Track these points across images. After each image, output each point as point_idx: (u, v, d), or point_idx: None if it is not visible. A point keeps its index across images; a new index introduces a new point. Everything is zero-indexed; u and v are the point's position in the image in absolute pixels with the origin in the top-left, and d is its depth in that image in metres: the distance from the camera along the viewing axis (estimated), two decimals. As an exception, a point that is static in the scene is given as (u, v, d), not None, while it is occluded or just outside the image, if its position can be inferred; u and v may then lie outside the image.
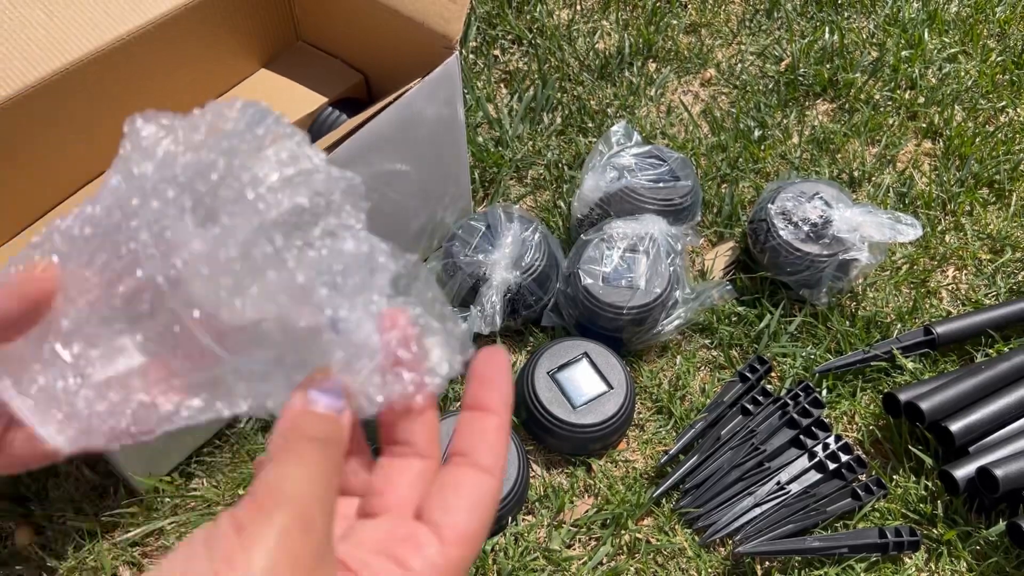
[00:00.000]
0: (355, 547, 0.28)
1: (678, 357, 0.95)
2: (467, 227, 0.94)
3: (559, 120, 1.18)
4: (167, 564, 0.24)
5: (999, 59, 1.27)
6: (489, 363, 0.30)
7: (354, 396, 0.30)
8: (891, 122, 1.19)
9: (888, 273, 1.03)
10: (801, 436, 0.87)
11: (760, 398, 0.90)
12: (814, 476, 0.85)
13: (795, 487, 0.85)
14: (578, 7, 1.34)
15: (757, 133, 1.16)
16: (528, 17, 1.31)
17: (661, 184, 0.98)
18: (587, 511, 0.85)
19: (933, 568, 0.82)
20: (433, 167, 0.92)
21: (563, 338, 0.91)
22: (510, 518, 0.83)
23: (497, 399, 0.30)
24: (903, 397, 0.87)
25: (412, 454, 0.31)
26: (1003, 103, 1.22)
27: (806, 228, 0.95)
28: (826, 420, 0.89)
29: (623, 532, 0.83)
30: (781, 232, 0.96)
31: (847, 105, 1.21)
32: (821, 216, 0.95)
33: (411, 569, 0.26)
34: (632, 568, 0.82)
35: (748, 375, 0.92)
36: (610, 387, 0.87)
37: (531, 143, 1.14)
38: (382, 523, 0.29)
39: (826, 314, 0.98)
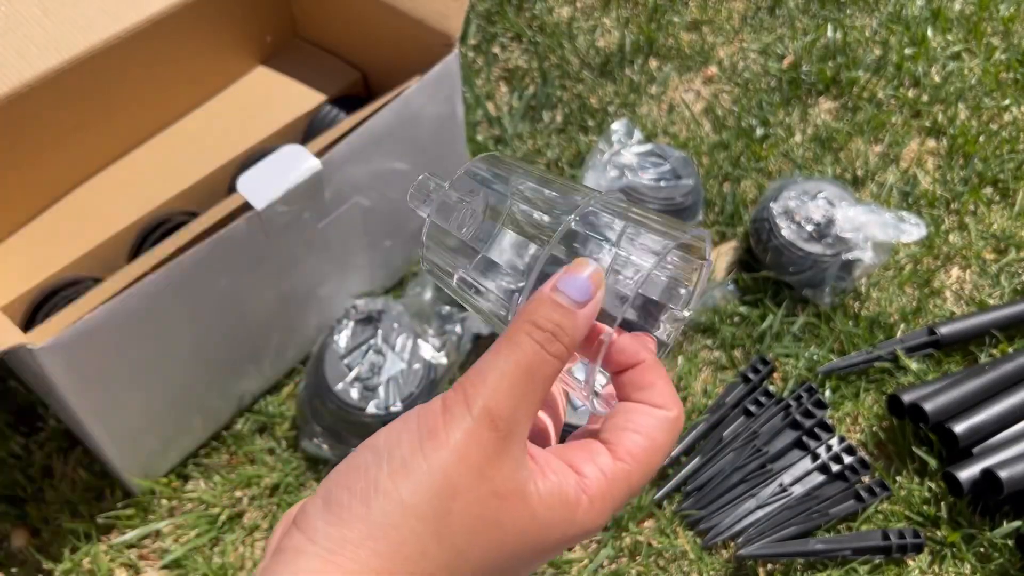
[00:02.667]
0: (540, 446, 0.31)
1: (680, 357, 0.95)
2: (467, 226, 0.94)
3: (559, 118, 1.17)
4: (386, 428, 0.28)
5: (1003, 57, 1.27)
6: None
7: (608, 294, 0.31)
8: (894, 120, 1.18)
9: (892, 273, 1.02)
10: (804, 438, 0.86)
11: (763, 399, 0.90)
12: (817, 478, 0.85)
13: (798, 489, 0.84)
14: (578, 4, 1.33)
15: (759, 131, 1.15)
16: (528, 14, 1.30)
17: (663, 183, 0.97)
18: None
19: (937, 571, 0.81)
20: (432, 166, 0.91)
21: (564, 338, 0.90)
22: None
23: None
24: (907, 398, 0.86)
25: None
26: (1007, 101, 1.21)
27: (809, 227, 0.95)
28: (829, 421, 0.88)
29: (624, 534, 0.83)
30: (784, 231, 0.95)
31: (850, 103, 1.20)
32: (824, 215, 0.95)
33: (584, 474, 0.30)
34: (633, 571, 0.81)
35: (751, 376, 0.91)
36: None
37: (531, 141, 1.14)
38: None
39: (829, 314, 0.97)
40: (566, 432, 0.34)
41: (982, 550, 0.82)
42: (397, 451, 0.27)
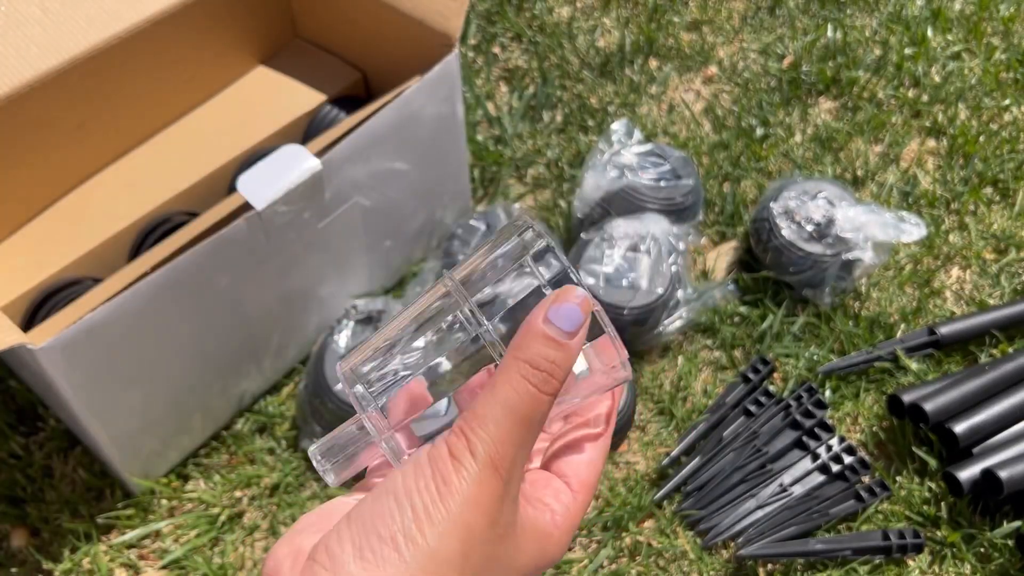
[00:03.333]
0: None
1: (680, 358, 0.95)
2: (467, 227, 0.94)
3: (559, 118, 1.17)
4: (400, 474, 0.30)
5: (1003, 57, 1.26)
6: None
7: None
8: (895, 120, 1.18)
9: (892, 273, 1.02)
10: (804, 438, 0.86)
11: (763, 399, 0.90)
12: (817, 478, 0.85)
13: (798, 489, 0.84)
14: (578, 4, 1.33)
15: (759, 131, 1.15)
16: (528, 14, 1.30)
17: (663, 183, 0.97)
18: (588, 513, 0.84)
19: (937, 571, 0.81)
20: (432, 166, 0.91)
21: (564, 338, 0.90)
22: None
23: None
24: (907, 398, 0.86)
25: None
26: (1007, 101, 1.21)
27: (809, 227, 0.95)
28: (829, 421, 0.88)
29: (624, 535, 0.83)
30: (784, 231, 0.95)
31: (850, 103, 1.20)
32: (824, 215, 0.95)
33: (554, 511, 0.32)
34: (633, 571, 0.81)
35: (751, 376, 0.91)
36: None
37: (531, 141, 1.14)
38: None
39: (829, 314, 0.97)
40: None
41: (982, 550, 0.82)
42: (418, 498, 0.29)
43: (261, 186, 0.73)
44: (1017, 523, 0.81)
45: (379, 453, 0.34)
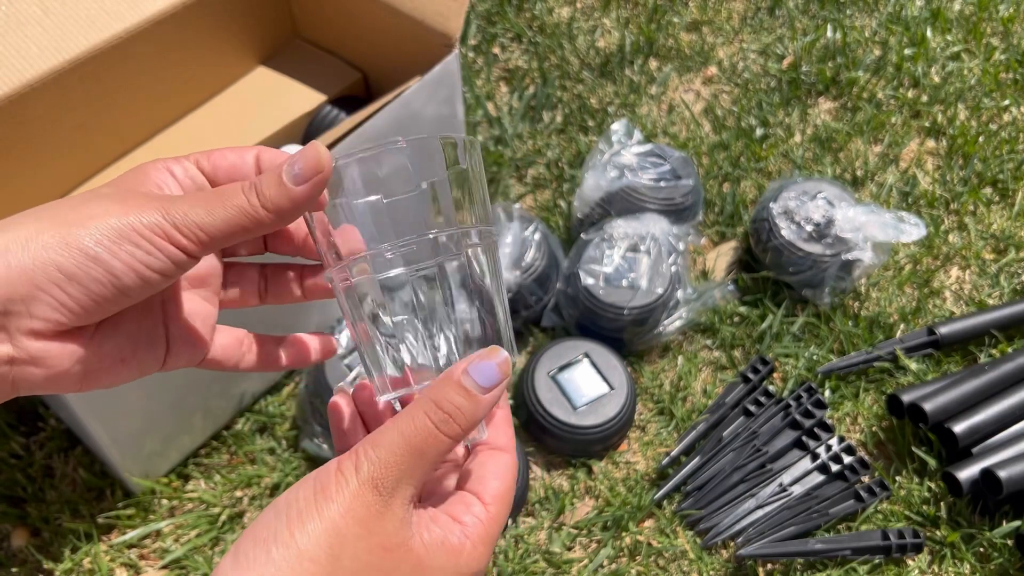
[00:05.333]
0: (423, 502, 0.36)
1: (680, 358, 0.95)
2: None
3: (559, 118, 1.17)
4: (289, 488, 0.32)
5: (1002, 58, 1.27)
6: None
7: None
8: (894, 121, 1.18)
9: (891, 273, 1.02)
10: (804, 437, 0.86)
11: (762, 399, 0.90)
12: (817, 478, 0.85)
13: (798, 489, 0.84)
14: (578, 4, 1.33)
15: (759, 132, 1.16)
16: (528, 15, 1.30)
17: (662, 183, 0.97)
18: (588, 513, 0.84)
19: (936, 570, 0.81)
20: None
21: (564, 338, 0.90)
22: (510, 520, 0.83)
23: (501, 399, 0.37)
24: (906, 398, 0.86)
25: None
26: (1006, 102, 1.21)
27: (809, 228, 0.95)
28: (829, 421, 0.88)
29: (624, 534, 0.83)
30: (784, 232, 0.95)
31: (850, 103, 1.20)
32: (824, 216, 0.95)
33: (464, 523, 0.34)
34: (633, 571, 0.81)
35: (750, 376, 0.91)
36: (611, 388, 0.87)
37: (531, 142, 1.14)
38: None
39: (829, 314, 0.97)
40: (564, 433, 0.37)
41: (981, 550, 0.82)
42: (295, 506, 0.31)
43: (261, 186, 0.72)
44: (1016, 523, 0.81)
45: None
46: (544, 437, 0.86)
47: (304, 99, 0.93)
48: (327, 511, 0.30)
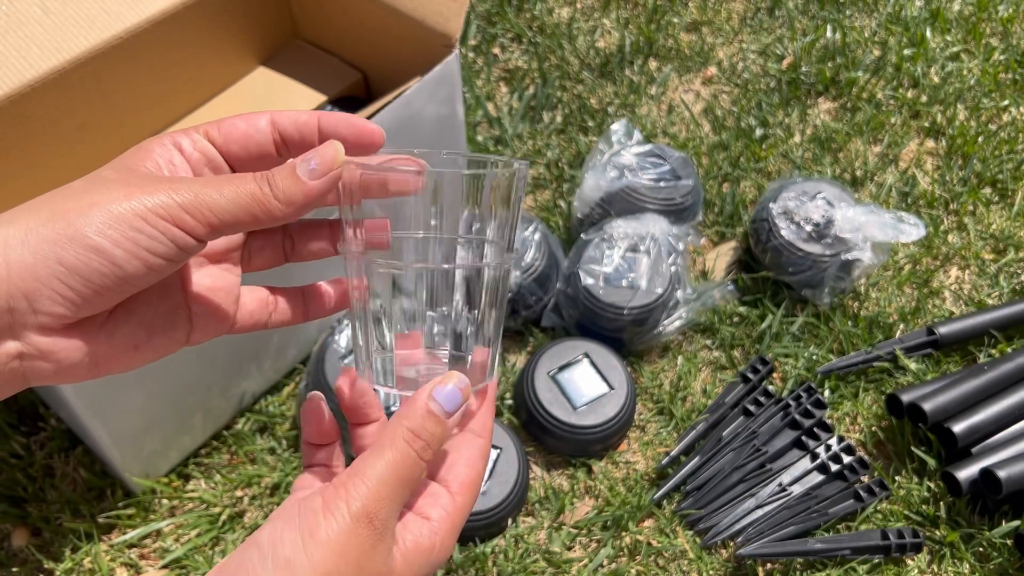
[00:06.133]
0: None
1: (679, 358, 0.95)
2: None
3: (559, 119, 1.17)
4: (268, 526, 0.31)
5: (1002, 58, 1.27)
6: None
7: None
8: (893, 121, 1.19)
9: (891, 273, 1.02)
10: (803, 437, 0.87)
11: (762, 399, 0.90)
12: (816, 478, 0.85)
13: (797, 489, 0.84)
14: (578, 5, 1.33)
15: (759, 132, 1.16)
16: (528, 15, 1.30)
17: (662, 183, 0.97)
18: (588, 513, 0.84)
19: (936, 570, 0.81)
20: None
21: (563, 338, 0.90)
22: (510, 520, 0.83)
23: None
24: (906, 398, 0.86)
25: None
26: (1006, 102, 1.21)
27: (808, 228, 0.95)
28: (828, 421, 0.88)
29: (624, 534, 0.83)
30: (783, 232, 0.95)
31: (849, 104, 1.20)
32: (823, 216, 0.95)
33: (431, 518, 0.34)
34: (633, 571, 0.81)
35: (750, 376, 0.91)
36: (611, 388, 0.87)
37: (531, 142, 1.14)
38: None
39: (828, 314, 0.97)
40: (564, 433, 0.38)
41: (981, 550, 0.82)
42: (281, 549, 0.30)
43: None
44: (1016, 522, 0.82)
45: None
46: (544, 437, 0.86)
47: (304, 99, 0.93)
48: (318, 556, 0.30)
